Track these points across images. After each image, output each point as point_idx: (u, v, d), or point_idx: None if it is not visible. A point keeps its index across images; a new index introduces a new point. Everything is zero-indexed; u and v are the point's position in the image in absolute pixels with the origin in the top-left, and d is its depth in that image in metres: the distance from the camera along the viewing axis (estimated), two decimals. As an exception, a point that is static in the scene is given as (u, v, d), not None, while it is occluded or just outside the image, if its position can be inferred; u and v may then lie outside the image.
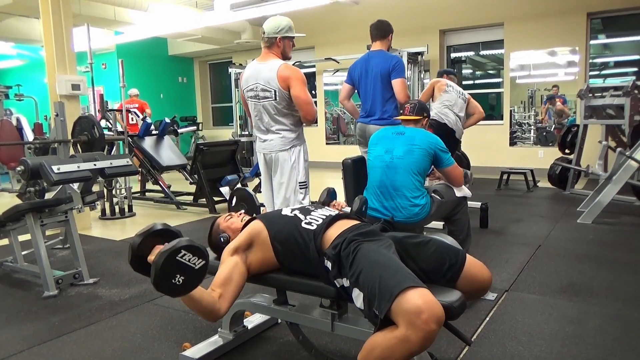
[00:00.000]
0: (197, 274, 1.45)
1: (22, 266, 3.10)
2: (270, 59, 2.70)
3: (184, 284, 1.42)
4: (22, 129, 7.52)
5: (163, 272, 1.37)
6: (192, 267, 1.42)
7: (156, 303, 2.64)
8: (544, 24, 6.99)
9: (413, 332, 1.26)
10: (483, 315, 2.32)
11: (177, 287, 1.41)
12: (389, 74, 3.43)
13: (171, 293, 1.43)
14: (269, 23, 2.70)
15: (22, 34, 8.41)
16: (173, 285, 1.40)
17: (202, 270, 1.45)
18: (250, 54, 10.05)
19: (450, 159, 2.76)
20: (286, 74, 2.60)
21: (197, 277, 1.45)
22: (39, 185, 4.32)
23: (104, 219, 5.04)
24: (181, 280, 1.41)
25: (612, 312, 2.34)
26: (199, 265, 1.44)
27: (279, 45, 2.71)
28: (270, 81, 2.64)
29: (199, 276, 1.46)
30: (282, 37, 2.69)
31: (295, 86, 2.61)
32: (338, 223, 1.70)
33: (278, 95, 2.65)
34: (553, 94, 7.41)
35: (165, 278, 1.38)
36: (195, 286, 1.47)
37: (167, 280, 1.39)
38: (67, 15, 4.40)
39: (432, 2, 7.80)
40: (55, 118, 3.47)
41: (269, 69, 2.65)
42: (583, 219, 4.20)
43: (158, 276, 1.37)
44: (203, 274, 1.46)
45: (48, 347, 2.16)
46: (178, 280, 1.40)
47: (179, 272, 1.40)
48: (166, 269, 1.37)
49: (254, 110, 2.81)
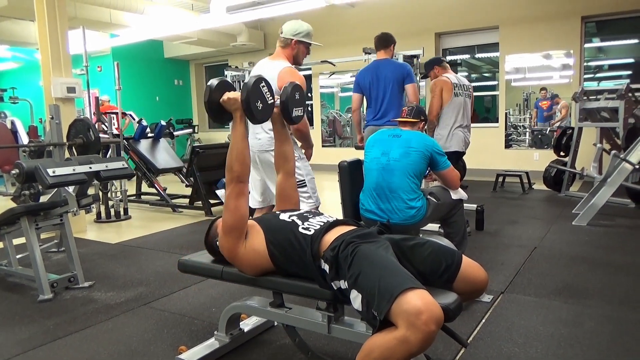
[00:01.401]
0: (268, 108, 1.81)
1: (17, 270, 3.08)
2: (279, 59, 2.72)
3: (262, 110, 1.77)
4: (16, 131, 7.47)
5: (251, 92, 1.72)
6: (266, 100, 1.79)
7: (152, 306, 2.63)
8: (539, 27, 7.03)
9: (413, 333, 1.26)
10: (479, 317, 2.33)
11: (257, 110, 1.75)
12: (403, 79, 3.87)
13: (251, 113, 1.74)
14: (289, 24, 2.74)
15: (17, 37, 8.38)
16: (255, 107, 1.74)
17: (271, 107, 1.83)
18: (246, 57, 10.05)
19: (446, 162, 2.77)
20: (288, 76, 2.58)
21: (267, 110, 1.81)
22: (34, 189, 4.30)
23: (100, 222, 5.02)
24: (260, 107, 1.76)
25: (607, 313, 2.35)
26: (270, 100, 1.81)
27: (293, 48, 2.73)
28: (271, 80, 2.61)
29: (268, 111, 1.83)
30: (298, 41, 2.72)
31: None
32: (336, 228, 1.70)
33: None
34: (541, 97, 7.49)
35: (252, 97, 1.73)
36: (266, 118, 1.84)
37: (253, 100, 1.73)
38: (63, 18, 4.39)
39: (427, 5, 7.84)
40: (51, 121, 3.46)
41: (273, 68, 2.67)
42: (578, 221, 4.22)
43: (249, 94, 1.71)
44: (270, 111, 1.85)
45: (43, 351, 2.14)
46: (258, 105, 1.75)
47: (259, 99, 1.76)
48: (253, 91, 1.73)
49: None
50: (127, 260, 3.57)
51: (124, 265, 3.44)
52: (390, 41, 3.98)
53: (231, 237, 1.74)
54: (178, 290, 2.87)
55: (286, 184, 2.05)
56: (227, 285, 2.65)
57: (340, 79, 10.73)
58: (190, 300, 2.70)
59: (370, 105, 4.01)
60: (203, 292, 2.81)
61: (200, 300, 2.69)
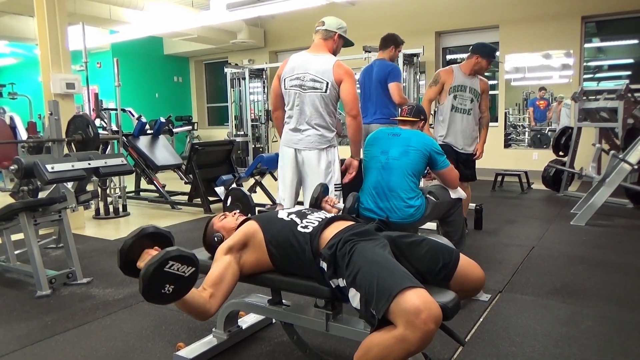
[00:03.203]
0: (187, 282, 1.45)
1: (15, 265, 3.08)
2: (322, 52, 2.71)
3: (174, 292, 1.42)
4: (15, 127, 7.46)
5: (151, 284, 1.37)
6: (182, 276, 1.42)
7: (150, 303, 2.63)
8: (539, 27, 7.03)
9: (411, 332, 1.26)
10: (477, 316, 2.33)
11: (167, 296, 1.41)
12: (385, 79, 3.86)
13: (161, 302, 1.42)
14: (331, 18, 2.77)
15: (16, 32, 8.36)
16: (163, 294, 1.40)
17: (193, 277, 1.45)
18: (246, 54, 10.04)
19: (445, 161, 2.77)
20: (343, 69, 2.64)
21: (187, 284, 1.45)
22: (32, 184, 4.30)
23: (98, 219, 5.02)
24: (171, 290, 1.41)
25: (605, 313, 2.36)
26: (189, 272, 1.43)
27: (335, 41, 2.75)
28: (325, 73, 2.63)
29: (189, 283, 1.46)
30: (340, 35, 2.75)
31: (347, 82, 2.65)
32: (334, 224, 1.71)
33: (329, 88, 2.64)
34: (538, 96, 7.52)
35: (154, 289, 1.38)
36: (185, 293, 1.47)
37: (156, 290, 1.38)
38: (62, 14, 4.38)
39: (428, 4, 7.83)
40: (50, 117, 3.45)
41: (325, 62, 2.65)
42: (576, 220, 4.23)
43: (146, 289, 1.37)
44: (193, 281, 1.47)
45: (41, 347, 2.14)
46: (168, 289, 1.40)
47: (168, 282, 1.39)
48: (155, 281, 1.37)
49: (294, 101, 2.71)
50: (125, 256, 3.57)
51: (123, 261, 3.44)
52: (389, 42, 4.00)
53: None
54: (176, 287, 2.86)
55: None
56: (225, 282, 2.64)
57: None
58: (188, 297, 2.70)
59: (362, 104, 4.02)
60: (201, 289, 2.81)
61: (199, 297, 2.69)
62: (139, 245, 1.51)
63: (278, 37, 9.52)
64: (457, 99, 3.63)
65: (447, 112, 3.66)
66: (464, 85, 3.63)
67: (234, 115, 8.90)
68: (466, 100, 3.63)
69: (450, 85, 3.62)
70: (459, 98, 3.63)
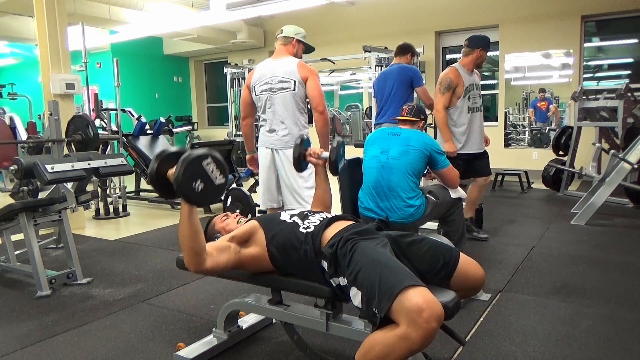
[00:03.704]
0: (214, 190, 1.48)
1: (15, 266, 3.08)
2: (285, 56, 2.90)
3: (201, 193, 1.44)
4: (15, 128, 7.46)
5: (188, 170, 1.39)
6: (212, 181, 1.46)
7: (150, 303, 2.63)
8: (539, 26, 7.03)
9: (413, 330, 1.26)
10: (477, 315, 2.33)
11: (194, 193, 1.43)
12: (409, 81, 4.07)
13: (187, 196, 1.44)
14: (289, 26, 2.97)
15: (16, 33, 8.35)
16: (192, 189, 1.42)
17: (220, 189, 1.49)
18: (245, 54, 10.04)
19: (445, 161, 2.77)
20: (307, 67, 2.85)
21: (213, 193, 1.49)
22: (32, 185, 4.30)
23: (98, 219, 5.02)
24: (200, 188, 1.43)
25: (605, 312, 2.36)
26: (219, 182, 1.48)
27: (294, 45, 2.93)
28: (291, 72, 2.81)
29: (216, 194, 1.50)
30: (298, 40, 2.94)
31: (312, 79, 2.84)
32: (335, 224, 1.71)
33: (297, 86, 2.82)
34: (539, 98, 7.52)
35: (188, 177, 1.40)
36: (210, 201, 1.55)
37: (189, 180, 1.40)
38: (62, 14, 4.38)
39: (427, 4, 7.83)
40: (49, 117, 3.45)
41: (289, 63, 2.85)
42: (576, 220, 4.23)
43: (182, 173, 1.39)
44: (220, 194, 1.51)
45: (41, 347, 2.14)
46: (197, 186, 1.42)
47: (200, 178, 1.42)
48: (192, 168, 1.40)
49: (266, 104, 2.89)
50: (125, 257, 3.57)
51: (123, 262, 3.44)
52: (408, 50, 4.26)
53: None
54: (176, 287, 2.87)
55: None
56: (225, 282, 2.65)
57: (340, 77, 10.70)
58: (188, 297, 2.70)
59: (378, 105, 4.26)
60: (201, 289, 2.81)
61: (199, 297, 2.69)
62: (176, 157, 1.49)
63: (278, 37, 9.52)
64: (471, 99, 3.57)
65: (465, 115, 3.54)
66: (472, 83, 3.59)
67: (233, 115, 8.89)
68: (477, 97, 3.61)
69: (462, 87, 3.51)
70: (472, 98, 3.57)
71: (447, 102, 3.54)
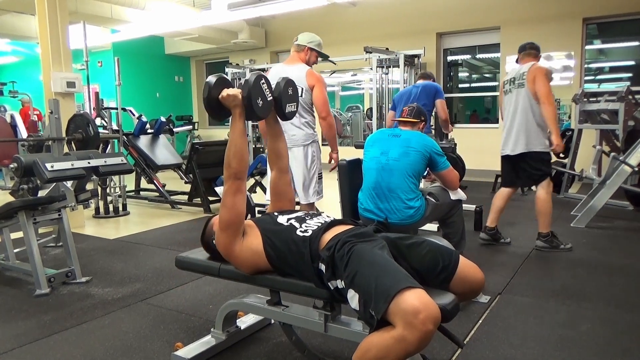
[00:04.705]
0: (267, 105, 1.83)
1: (14, 264, 3.08)
2: (297, 63, 3.13)
3: (262, 107, 1.79)
4: (16, 126, 7.47)
5: (253, 89, 1.74)
6: (266, 97, 1.81)
7: (149, 302, 2.63)
8: (540, 28, 7.02)
9: (410, 332, 1.26)
10: (476, 318, 2.33)
11: (257, 107, 1.77)
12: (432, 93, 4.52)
13: (252, 110, 1.75)
14: (305, 34, 3.18)
15: (17, 31, 8.37)
16: (256, 104, 1.76)
17: (270, 104, 1.85)
18: (247, 54, 10.04)
19: (445, 162, 2.76)
20: (314, 76, 3.06)
21: (267, 107, 1.83)
22: (32, 183, 4.29)
23: (98, 218, 5.02)
24: (260, 104, 1.78)
25: (604, 315, 2.35)
26: (269, 97, 1.83)
27: (306, 53, 3.15)
28: (300, 79, 2.92)
29: (268, 109, 1.85)
30: (310, 48, 3.15)
31: (318, 88, 3.05)
32: (333, 228, 1.70)
33: (304, 93, 3.02)
34: None
35: (254, 94, 1.74)
36: (266, 115, 1.86)
37: (254, 96, 1.75)
38: (63, 13, 4.38)
39: (429, 5, 7.83)
40: (50, 115, 3.45)
41: (299, 70, 3.04)
42: (576, 222, 4.23)
43: (251, 90, 1.73)
44: (270, 109, 1.87)
45: (39, 346, 2.14)
46: (259, 102, 1.77)
47: (260, 96, 1.78)
48: (254, 88, 1.75)
49: None
50: (124, 256, 3.57)
51: (122, 261, 3.44)
52: (431, 77, 4.84)
53: (227, 233, 1.74)
54: (175, 286, 2.87)
55: (280, 180, 2.06)
56: (224, 282, 2.64)
57: (341, 78, 10.72)
58: (187, 297, 2.70)
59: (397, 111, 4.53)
60: (200, 289, 2.81)
61: (197, 297, 2.69)
62: (220, 84, 1.78)
63: (279, 37, 9.52)
64: None
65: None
66: None
67: (234, 115, 8.90)
68: None
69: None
70: None
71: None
